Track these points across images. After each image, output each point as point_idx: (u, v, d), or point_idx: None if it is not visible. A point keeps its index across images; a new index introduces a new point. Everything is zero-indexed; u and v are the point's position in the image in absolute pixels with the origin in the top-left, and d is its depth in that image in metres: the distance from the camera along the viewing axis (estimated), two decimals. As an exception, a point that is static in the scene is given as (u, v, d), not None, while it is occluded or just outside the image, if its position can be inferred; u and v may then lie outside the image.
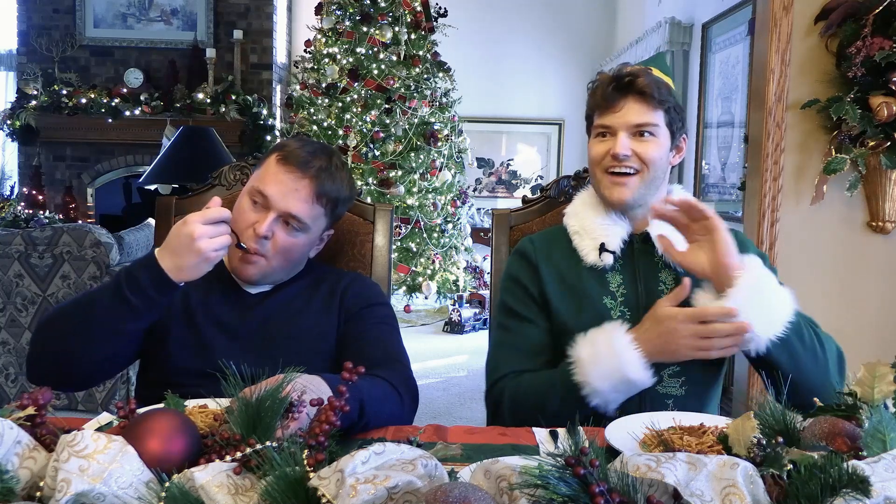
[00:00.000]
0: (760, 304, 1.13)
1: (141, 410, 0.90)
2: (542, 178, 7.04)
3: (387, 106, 5.13)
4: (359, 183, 5.02)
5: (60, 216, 4.47)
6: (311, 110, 5.21)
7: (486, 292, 5.27)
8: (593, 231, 1.31)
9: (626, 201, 1.28)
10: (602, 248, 1.29)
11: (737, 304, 1.11)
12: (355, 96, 5.12)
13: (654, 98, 1.25)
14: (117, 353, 1.21)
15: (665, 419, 1.02)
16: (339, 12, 5.28)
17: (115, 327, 1.16)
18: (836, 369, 1.21)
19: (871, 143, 2.08)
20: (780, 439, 0.79)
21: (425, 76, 5.31)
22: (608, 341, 1.16)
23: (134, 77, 5.92)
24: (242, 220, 1.29)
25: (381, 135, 5.12)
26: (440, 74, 5.45)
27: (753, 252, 1.34)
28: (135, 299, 1.14)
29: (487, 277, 4.54)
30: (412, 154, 5.17)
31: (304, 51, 5.55)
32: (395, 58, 5.21)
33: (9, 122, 5.86)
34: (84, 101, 5.75)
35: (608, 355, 1.15)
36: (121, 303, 1.14)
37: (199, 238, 1.10)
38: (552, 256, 1.34)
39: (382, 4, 5.22)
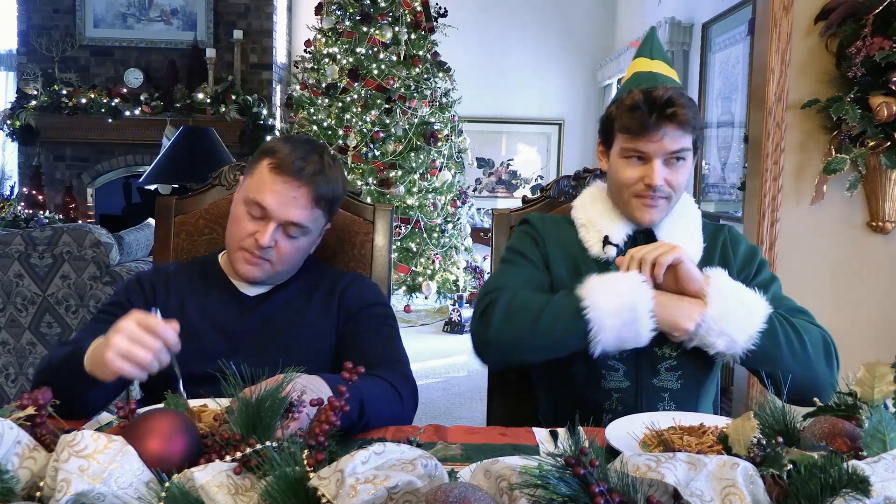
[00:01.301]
0: (730, 319, 1.16)
1: (141, 410, 0.90)
2: (542, 178, 7.04)
3: (387, 106, 5.13)
4: (359, 183, 5.02)
5: (60, 216, 4.47)
6: (311, 110, 5.21)
7: (486, 292, 5.26)
8: (599, 224, 1.32)
9: (655, 222, 1.30)
10: (606, 241, 1.30)
11: (709, 321, 1.15)
12: (355, 96, 5.12)
13: (690, 125, 1.24)
14: (115, 388, 1.15)
15: (665, 419, 1.03)
16: (339, 12, 5.28)
17: (93, 387, 1.08)
18: (820, 358, 1.21)
19: (871, 143, 2.08)
20: (780, 439, 0.79)
21: (425, 76, 5.31)
22: (620, 275, 1.18)
23: (134, 77, 5.92)
24: (241, 229, 1.28)
25: (381, 135, 5.12)
26: (440, 74, 5.45)
27: (745, 246, 1.37)
28: (85, 377, 1.06)
29: (487, 277, 4.53)
30: (412, 154, 5.16)
31: (304, 51, 5.55)
32: (395, 58, 5.21)
33: (9, 122, 5.86)
34: (84, 101, 5.75)
35: (621, 281, 1.17)
36: (79, 377, 1.07)
37: (118, 331, 0.99)
38: (559, 238, 1.36)
39: (382, 4, 5.22)
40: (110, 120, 5.79)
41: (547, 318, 1.18)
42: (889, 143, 2.07)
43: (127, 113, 5.78)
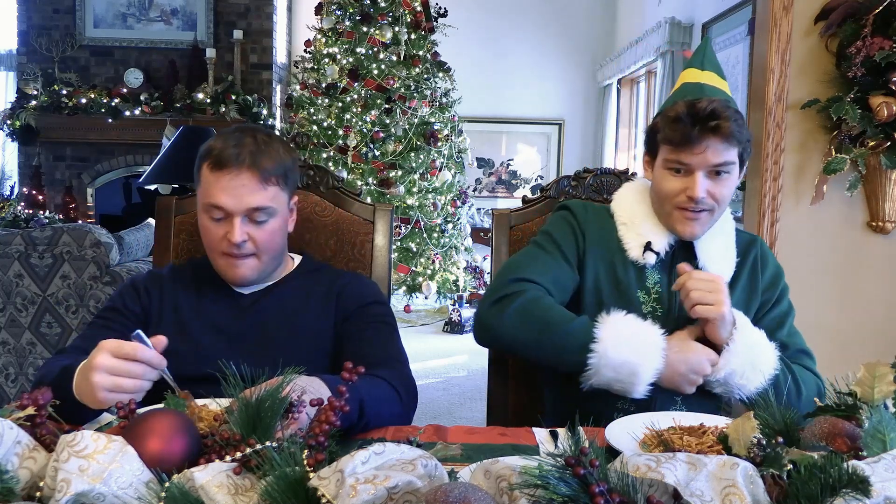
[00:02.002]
0: (737, 377, 1.20)
1: (141, 410, 0.90)
2: (542, 178, 7.04)
3: (387, 106, 5.13)
4: (359, 183, 5.01)
5: (60, 216, 4.47)
6: (311, 110, 5.21)
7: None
8: (640, 227, 1.32)
9: (697, 236, 1.30)
10: (647, 247, 1.30)
11: (728, 365, 1.19)
12: (355, 96, 5.12)
13: (735, 138, 1.23)
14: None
15: (665, 419, 1.03)
16: (339, 12, 5.28)
17: (85, 409, 1.05)
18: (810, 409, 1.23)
19: (871, 143, 2.08)
20: (780, 439, 0.79)
21: (425, 76, 5.31)
22: (642, 329, 1.20)
23: (134, 77, 5.92)
24: (212, 236, 1.28)
25: (381, 135, 5.12)
26: (440, 74, 5.44)
27: (773, 266, 1.38)
28: (68, 405, 1.01)
29: (487, 277, 4.54)
30: (412, 154, 5.16)
31: (304, 51, 5.55)
32: (395, 58, 5.21)
33: (9, 122, 5.86)
34: (84, 101, 5.75)
35: (637, 336, 1.19)
36: (71, 400, 1.03)
37: (96, 370, 0.97)
38: (600, 232, 1.35)
39: (382, 4, 5.22)
40: (110, 120, 5.79)
41: (556, 338, 1.20)
42: (889, 143, 2.07)
43: (127, 113, 5.78)
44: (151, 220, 3.11)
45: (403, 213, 5.14)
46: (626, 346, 1.17)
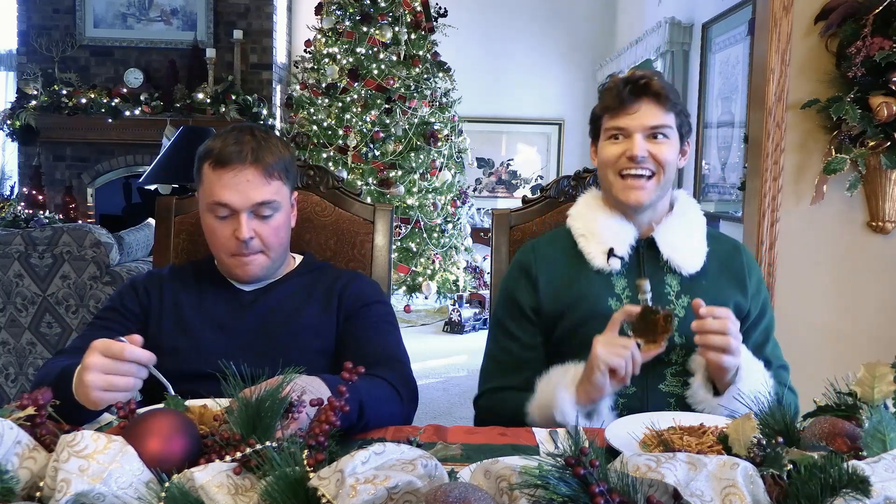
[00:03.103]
0: (727, 408, 1.17)
1: (141, 410, 0.90)
2: (542, 178, 7.04)
3: (387, 106, 5.13)
4: (359, 183, 5.01)
5: (60, 216, 4.47)
6: (311, 110, 5.21)
7: (486, 292, 5.27)
8: (600, 234, 1.31)
9: (644, 204, 1.29)
10: (610, 254, 1.29)
11: (730, 398, 1.15)
12: (355, 96, 5.12)
13: (669, 100, 1.26)
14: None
15: (665, 419, 1.02)
16: (339, 12, 5.28)
17: (85, 410, 1.04)
18: None
19: (871, 143, 2.07)
20: (780, 439, 0.79)
21: (425, 76, 5.31)
22: (555, 381, 1.21)
23: (134, 77, 5.92)
24: (219, 236, 1.29)
25: (381, 135, 5.12)
26: (440, 74, 5.45)
27: (757, 274, 1.37)
28: (68, 406, 1.00)
29: (487, 277, 4.54)
30: (412, 154, 5.16)
31: (304, 51, 5.55)
32: (395, 58, 5.21)
33: (9, 122, 5.86)
34: (84, 101, 5.75)
35: (548, 395, 1.20)
36: (70, 402, 1.02)
37: (88, 370, 0.97)
38: (555, 261, 1.35)
39: (382, 4, 5.22)
40: (110, 120, 5.79)
41: (528, 420, 1.24)
42: (889, 143, 2.07)
43: (127, 113, 5.78)
44: (151, 220, 3.11)
45: (403, 213, 5.14)
46: (544, 397, 1.21)
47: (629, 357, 1.13)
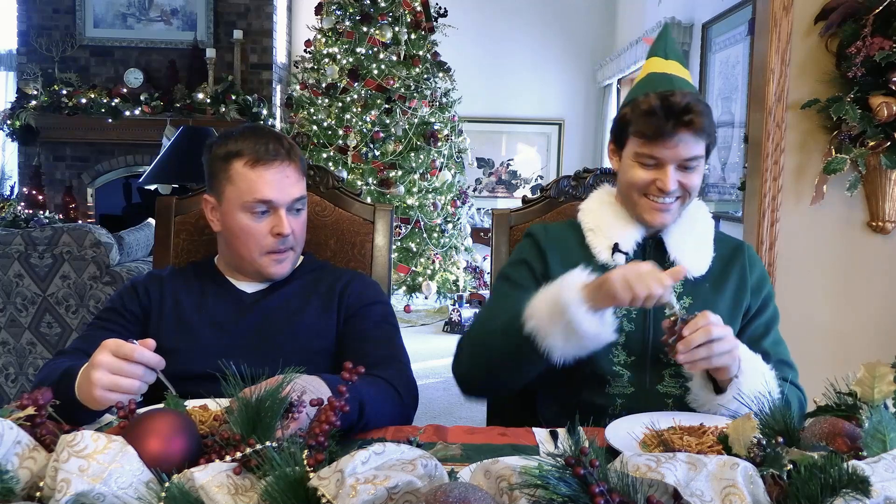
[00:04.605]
0: (749, 390, 1.14)
1: (141, 410, 0.90)
2: (542, 178, 7.04)
3: (387, 106, 5.13)
4: (359, 183, 5.01)
5: (60, 216, 4.47)
6: (311, 110, 5.21)
7: (486, 292, 5.27)
8: (608, 230, 1.31)
9: (667, 225, 1.28)
10: (615, 249, 1.29)
11: (731, 397, 1.12)
12: (355, 96, 5.12)
13: (705, 131, 1.22)
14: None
15: (665, 419, 1.02)
16: (339, 12, 5.28)
17: (87, 410, 1.04)
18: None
19: (871, 143, 2.07)
20: (780, 439, 0.79)
21: (425, 76, 5.31)
22: (557, 287, 1.14)
23: (134, 77, 5.92)
24: (255, 235, 1.29)
25: (381, 135, 5.12)
26: (440, 74, 5.44)
27: (759, 270, 1.36)
28: (70, 406, 1.01)
29: (487, 277, 4.54)
30: (412, 154, 5.16)
31: (304, 51, 5.55)
32: (395, 58, 5.21)
33: (9, 122, 5.85)
34: (84, 101, 5.75)
35: (553, 288, 1.14)
36: (72, 402, 1.02)
37: (96, 367, 0.97)
38: (563, 247, 1.34)
39: (382, 4, 5.22)
40: (110, 120, 5.78)
41: (504, 343, 1.19)
42: (889, 143, 2.07)
43: (127, 113, 5.78)
44: (151, 220, 3.11)
45: (403, 213, 5.14)
46: (546, 297, 1.14)
47: (653, 291, 1.08)
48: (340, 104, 5.13)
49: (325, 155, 5.09)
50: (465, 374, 1.29)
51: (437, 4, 5.49)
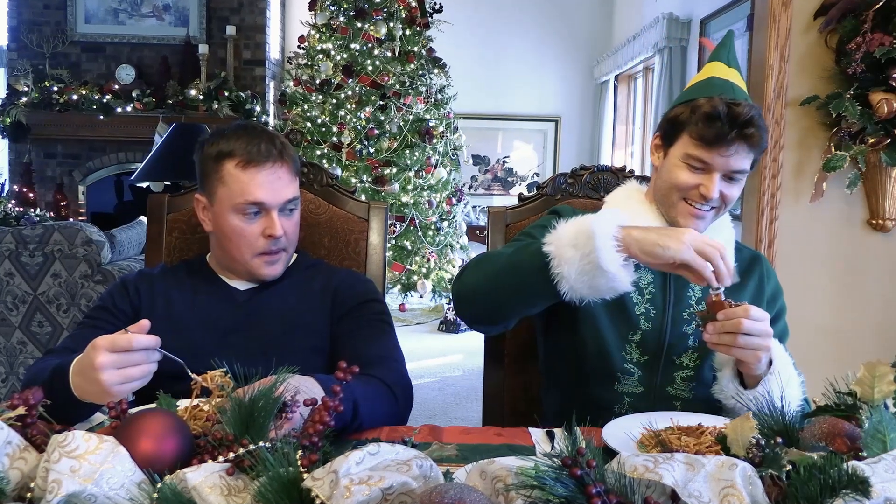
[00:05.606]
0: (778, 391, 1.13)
1: (133, 411, 0.89)
2: (538, 175, 7.04)
3: (381, 102, 5.11)
4: (353, 180, 5.00)
5: (51, 214, 4.44)
6: (305, 107, 5.19)
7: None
8: (634, 224, 1.29)
9: (700, 230, 1.25)
10: None
11: (758, 395, 1.10)
12: (349, 93, 5.10)
13: (759, 149, 1.22)
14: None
15: (663, 419, 1.02)
16: (333, 8, 5.26)
17: (81, 406, 1.05)
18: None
19: (871, 140, 2.07)
20: (779, 440, 0.79)
21: (420, 72, 5.29)
22: (590, 217, 1.08)
23: (126, 73, 5.89)
24: (247, 237, 1.28)
25: (376, 132, 5.10)
26: (435, 71, 5.43)
27: (774, 282, 1.36)
28: (63, 404, 1.00)
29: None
30: (407, 151, 5.15)
31: (298, 47, 5.52)
32: (389, 54, 5.19)
33: (-1, 118, 5.83)
34: (75, 97, 5.71)
35: (583, 217, 1.08)
36: (66, 399, 1.03)
37: (102, 369, 0.95)
38: None
39: (377, 0, 5.20)
40: (102, 117, 5.75)
41: (513, 258, 1.13)
42: (889, 140, 2.07)
43: (119, 109, 5.75)
44: (143, 218, 3.09)
45: (398, 211, 5.12)
46: (575, 223, 1.08)
47: (714, 260, 1.05)
48: (334, 101, 5.11)
49: (318, 152, 5.07)
50: (465, 288, 1.18)
51: (432, 0, 5.48)
